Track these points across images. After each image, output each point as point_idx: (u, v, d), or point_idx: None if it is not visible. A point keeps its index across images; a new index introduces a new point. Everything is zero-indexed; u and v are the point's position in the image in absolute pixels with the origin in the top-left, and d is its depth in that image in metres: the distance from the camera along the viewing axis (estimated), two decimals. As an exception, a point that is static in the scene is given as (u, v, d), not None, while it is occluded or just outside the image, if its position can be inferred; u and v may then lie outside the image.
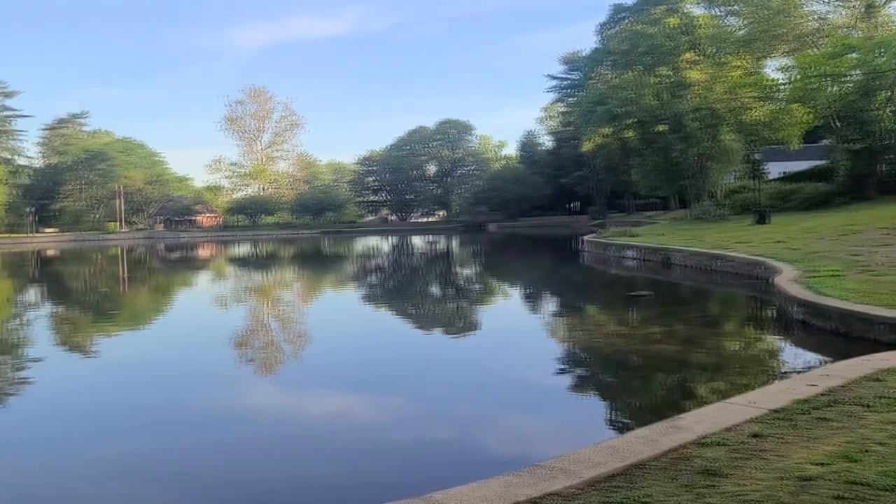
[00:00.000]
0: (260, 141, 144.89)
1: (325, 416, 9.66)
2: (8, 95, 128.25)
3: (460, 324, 18.33)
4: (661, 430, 5.86)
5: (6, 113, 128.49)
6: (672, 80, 54.22)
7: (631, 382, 10.96)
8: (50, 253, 70.62)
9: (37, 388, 11.92)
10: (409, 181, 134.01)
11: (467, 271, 38.31)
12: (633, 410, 9.45)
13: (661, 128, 54.01)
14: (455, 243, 68.03)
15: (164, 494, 6.98)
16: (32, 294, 30.85)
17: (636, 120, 55.49)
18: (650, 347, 13.03)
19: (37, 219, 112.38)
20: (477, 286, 29.72)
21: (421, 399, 10.36)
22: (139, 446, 8.48)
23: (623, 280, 27.53)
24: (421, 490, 4.83)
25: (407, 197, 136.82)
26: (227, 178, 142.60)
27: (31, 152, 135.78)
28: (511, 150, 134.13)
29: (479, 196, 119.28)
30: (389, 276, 35.67)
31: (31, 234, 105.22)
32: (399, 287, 30.06)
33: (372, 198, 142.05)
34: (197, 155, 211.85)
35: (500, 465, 6.16)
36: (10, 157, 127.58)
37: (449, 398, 10.29)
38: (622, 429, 8.07)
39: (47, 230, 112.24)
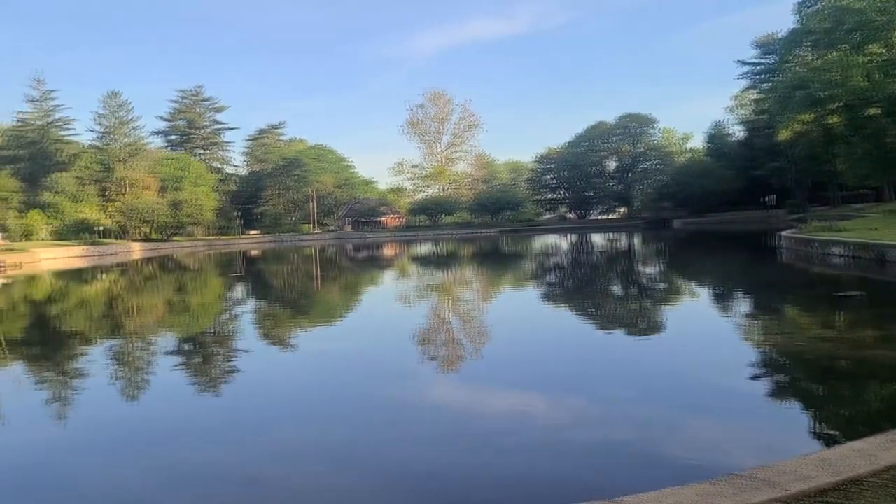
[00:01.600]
0: (440, 143, 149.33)
1: (506, 414, 9.63)
2: (218, 111, 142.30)
3: (645, 324, 17.63)
4: (880, 444, 5.23)
5: (217, 127, 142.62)
6: (885, 57, 48.85)
7: (839, 391, 9.92)
8: (253, 253, 77.18)
9: (244, 377, 13.03)
10: (587, 178, 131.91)
11: (652, 269, 36.89)
12: (841, 422, 8.53)
13: (872, 111, 48.85)
14: (637, 241, 65.86)
15: (352, 481, 7.29)
16: (240, 290, 33.84)
17: (842, 104, 50.64)
18: (862, 353, 11.75)
19: (242, 222, 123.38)
20: (663, 285, 28.50)
21: (605, 400, 10.05)
22: (331, 433, 8.96)
23: (829, 279, 25.18)
24: (608, 493, 4.63)
25: (586, 194, 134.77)
26: (409, 179, 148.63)
27: (237, 161, 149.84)
28: (697, 142, 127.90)
29: (662, 191, 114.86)
30: (569, 274, 35.22)
31: (237, 236, 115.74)
32: (580, 285, 29.57)
33: (550, 196, 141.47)
34: (381, 159, 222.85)
35: (691, 473, 5.79)
36: (220, 166, 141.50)
37: (634, 399, 9.88)
38: (829, 441, 7.31)
39: (251, 232, 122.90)
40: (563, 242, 69.43)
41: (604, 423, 8.93)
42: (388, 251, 71.11)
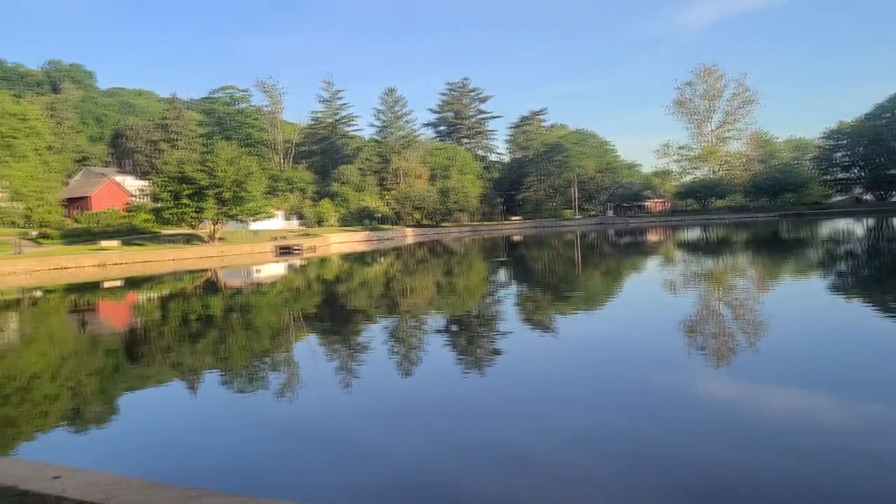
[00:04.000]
0: (709, 122, 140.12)
1: (785, 414, 8.63)
2: (483, 101, 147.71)
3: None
4: None
5: (481, 116, 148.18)
6: None
7: None
8: (515, 238, 79.10)
9: (506, 360, 13.27)
10: (889, 154, 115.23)
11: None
12: None
13: None
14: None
15: (624, 471, 6.98)
16: (503, 274, 34.78)
17: None
18: None
19: (505, 208, 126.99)
20: None
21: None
22: (596, 420, 8.71)
23: None
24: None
25: (887, 172, 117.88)
26: (675, 162, 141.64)
27: (500, 149, 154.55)
28: None
29: None
30: (865, 263, 30.99)
31: (500, 222, 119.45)
32: (879, 276, 25.85)
33: (841, 175, 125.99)
34: (645, 141, 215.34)
35: None
36: (484, 154, 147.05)
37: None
38: None
39: (513, 218, 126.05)
40: (858, 228, 61.42)
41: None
42: (652, 237, 68.60)
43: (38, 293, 33.58)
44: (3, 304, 29.14)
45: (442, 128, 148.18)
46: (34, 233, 63.40)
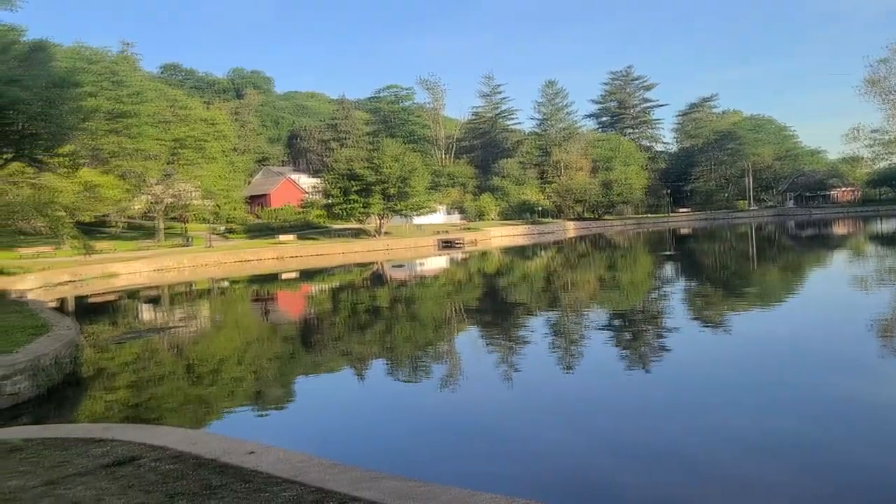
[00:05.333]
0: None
1: None
2: (647, 88, 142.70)
3: None
4: None
5: (646, 105, 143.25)
6: None
7: None
8: (683, 231, 75.75)
9: (672, 358, 12.74)
10: None
11: None
12: None
13: None
14: None
15: (799, 475, 6.48)
16: (669, 269, 33.43)
17: None
18: None
19: (672, 199, 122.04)
20: None
21: None
22: (770, 422, 8.14)
23: None
24: None
25: None
26: (866, 147, 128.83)
27: (666, 138, 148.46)
28: None
29: None
30: None
31: (667, 214, 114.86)
32: None
33: None
34: (830, 126, 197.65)
35: None
36: (649, 144, 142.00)
37: None
38: None
39: (681, 210, 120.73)
40: None
41: None
42: (838, 229, 63.08)
43: (226, 283, 36.62)
44: (196, 293, 32.07)
45: (604, 118, 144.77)
46: (222, 228, 69.31)
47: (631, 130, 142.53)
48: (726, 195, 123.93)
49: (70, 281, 35.97)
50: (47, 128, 14.88)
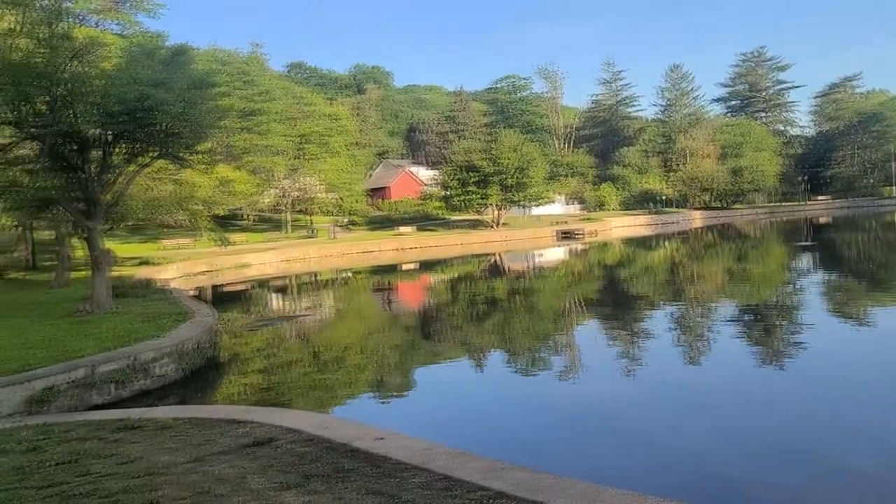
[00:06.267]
0: None
1: None
2: (781, 69, 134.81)
3: None
4: None
5: (780, 87, 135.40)
6: None
7: None
8: (821, 220, 71.13)
9: (807, 355, 11.98)
10: None
11: None
12: None
13: None
14: None
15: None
16: (806, 261, 31.49)
17: None
18: None
19: (808, 187, 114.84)
20: None
21: None
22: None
23: None
24: None
25: None
26: None
27: (802, 122, 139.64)
28: None
29: None
30: None
31: (803, 202, 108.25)
32: None
33: None
34: None
35: None
36: (783, 128, 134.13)
37: None
38: None
39: (819, 197, 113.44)
40: None
41: None
42: None
43: (349, 274, 37.84)
44: (321, 283, 33.33)
45: (733, 102, 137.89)
46: (344, 220, 71.67)
47: (763, 114, 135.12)
48: (871, 181, 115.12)
49: (207, 271, 38.34)
50: (188, 127, 15.81)
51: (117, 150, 16.74)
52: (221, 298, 27.16)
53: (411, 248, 53.65)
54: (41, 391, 9.28)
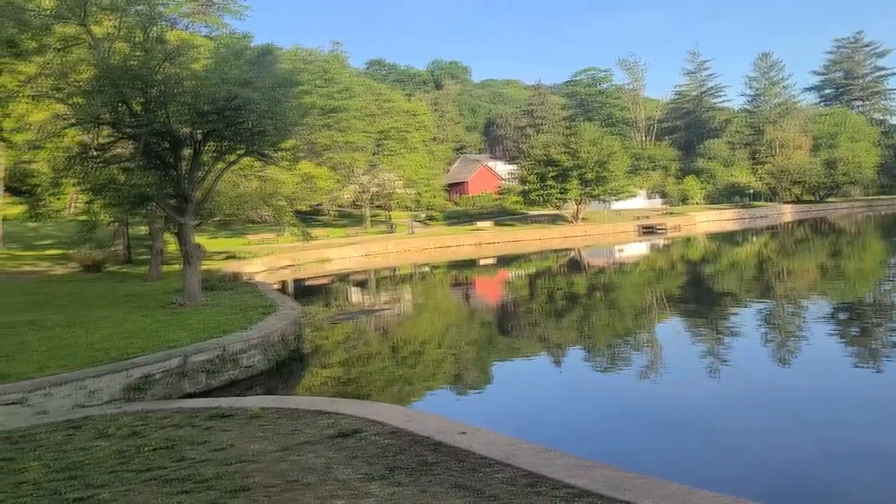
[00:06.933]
0: None
1: None
2: (880, 55, 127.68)
3: None
4: None
5: (879, 73, 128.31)
6: None
7: None
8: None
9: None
10: None
11: None
12: None
13: None
14: None
15: None
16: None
17: None
18: None
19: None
20: None
21: None
22: None
23: None
24: None
25: None
26: None
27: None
28: None
29: None
30: None
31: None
32: None
33: None
34: None
35: None
36: (882, 118, 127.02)
37: None
38: None
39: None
40: None
41: None
42: None
43: (427, 268, 38.11)
44: (400, 278, 33.70)
45: (827, 91, 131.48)
46: (422, 215, 72.21)
47: (860, 103, 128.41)
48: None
49: (290, 265, 39.37)
50: (273, 124, 16.24)
51: (207, 148, 17.36)
52: (303, 292, 27.84)
53: (489, 244, 53.61)
54: (138, 379, 9.73)
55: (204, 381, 10.74)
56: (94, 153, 17.15)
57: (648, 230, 61.11)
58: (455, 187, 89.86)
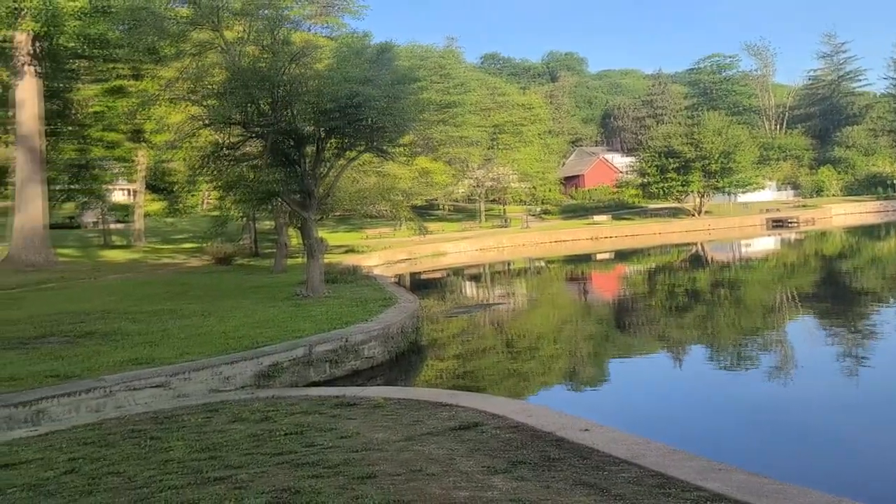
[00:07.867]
0: None
1: None
2: None
3: None
4: None
5: None
6: None
7: None
8: None
9: None
10: None
11: None
12: None
13: None
14: None
15: None
16: None
17: None
18: None
19: None
20: None
21: None
22: None
23: None
24: None
25: None
26: None
27: None
28: None
29: None
30: None
31: None
32: None
33: None
34: None
35: None
36: None
37: None
38: None
39: None
40: None
41: None
42: None
43: (541, 263, 37.81)
44: (514, 272, 33.61)
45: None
46: (538, 209, 71.64)
47: None
48: None
49: (406, 259, 40.14)
50: (392, 121, 16.57)
51: (329, 145, 17.96)
52: (419, 285, 28.32)
53: (606, 238, 52.53)
54: (268, 367, 10.21)
55: (328, 371, 11.12)
56: (226, 152, 18.11)
57: (778, 224, 57.93)
58: (571, 181, 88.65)
